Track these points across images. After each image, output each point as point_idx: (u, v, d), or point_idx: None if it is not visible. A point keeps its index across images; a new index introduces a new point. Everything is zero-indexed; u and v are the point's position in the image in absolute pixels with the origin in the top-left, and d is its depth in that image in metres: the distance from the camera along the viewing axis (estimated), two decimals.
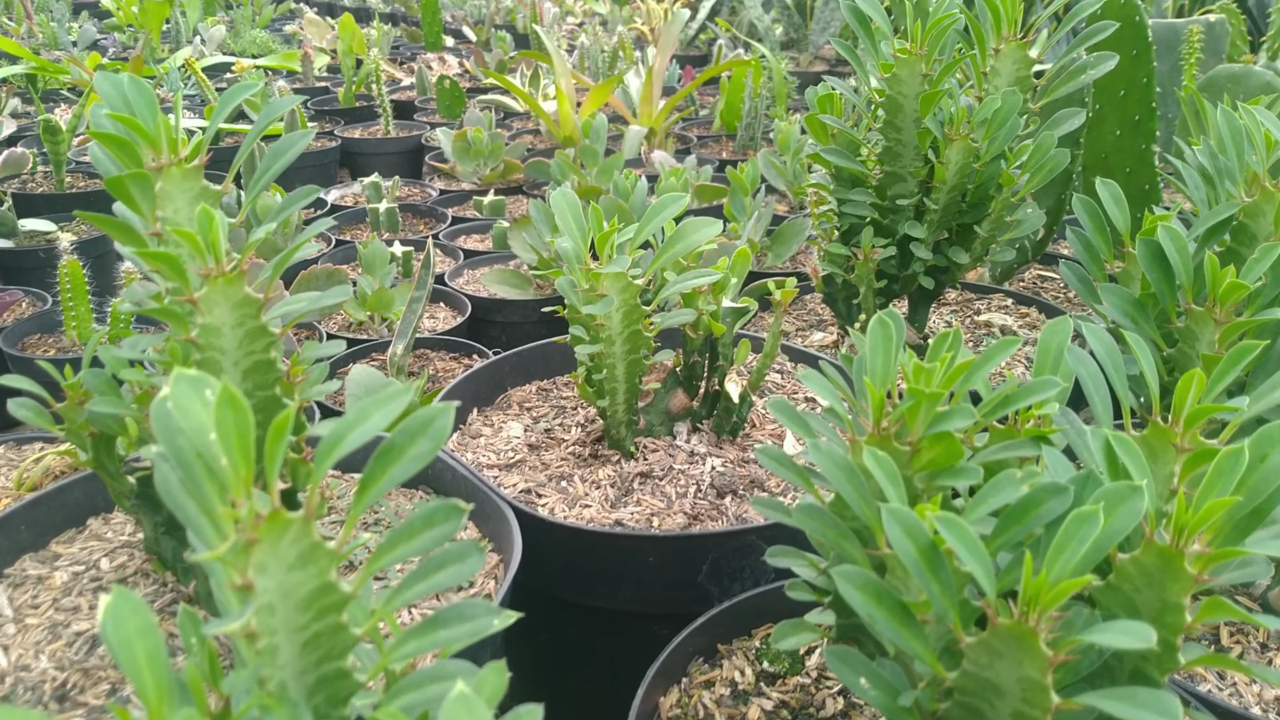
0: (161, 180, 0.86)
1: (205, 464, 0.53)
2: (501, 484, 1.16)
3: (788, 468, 0.70)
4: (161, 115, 0.85)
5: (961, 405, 0.65)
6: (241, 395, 0.53)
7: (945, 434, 0.66)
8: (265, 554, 0.53)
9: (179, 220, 0.88)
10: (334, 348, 0.83)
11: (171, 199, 0.87)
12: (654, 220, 1.07)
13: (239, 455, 0.53)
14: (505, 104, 3.34)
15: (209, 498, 0.53)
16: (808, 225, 2.06)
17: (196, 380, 0.54)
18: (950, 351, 0.76)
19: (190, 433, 0.53)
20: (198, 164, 0.88)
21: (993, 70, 1.35)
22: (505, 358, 1.40)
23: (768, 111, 3.03)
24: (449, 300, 1.99)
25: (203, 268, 0.77)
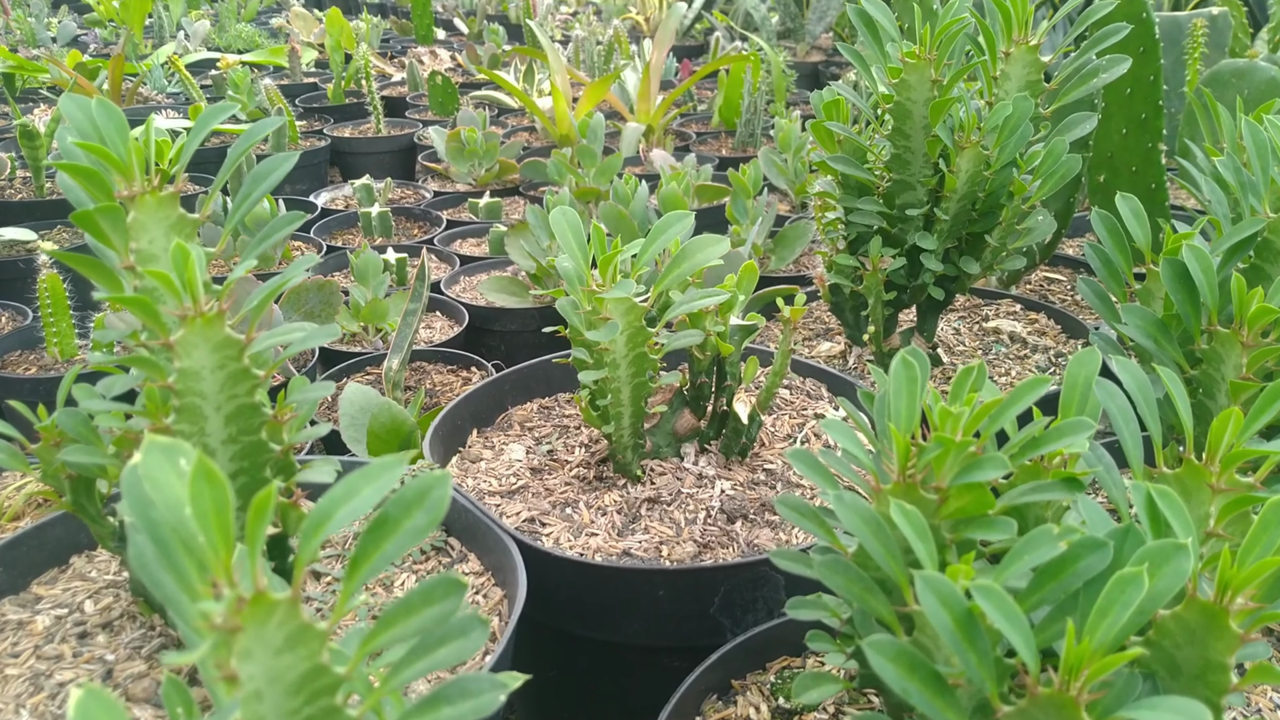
0: (134, 210, 0.82)
1: (182, 540, 0.50)
2: (504, 513, 1.12)
3: (808, 518, 0.66)
4: (133, 141, 0.81)
5: (992, 454, 0.62)
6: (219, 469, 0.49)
7: (975, 484, 0.62)
8: (250, 640, 0.50)
9: (154, 251, 0.84)
10: (324, 389, 0.79)
11: (146, 229, 0.83)
12: (658, 240, 1.03)
13: (218, 535, 0.49)
14: (499, 100, 3.29)
15: (188, 575, 0.50)
16: (812, 228, 2.02)
17: (170, 449, 0.50)
18: (975, 390, 0.72)
19: (164, 507, 0.49)
20: (173, 191, 0.83)
21: (1003, 74, 1.31)
22: (505, 375, 1.36)
23: (767, 107, 2.99)
24: (445, 309, 1.95)
25: (179, 308, 0.73)
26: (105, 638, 0.93)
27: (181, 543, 0.49)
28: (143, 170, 0.80)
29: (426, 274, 1.62)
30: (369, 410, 1.43)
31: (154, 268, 0.81)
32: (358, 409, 1.45)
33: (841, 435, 0.63)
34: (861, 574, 0.64)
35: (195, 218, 0.83)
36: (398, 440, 1.37)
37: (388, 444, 1.37)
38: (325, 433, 0.82)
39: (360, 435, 1.42)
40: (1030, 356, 1.48)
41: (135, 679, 0.88)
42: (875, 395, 0.72)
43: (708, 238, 1.06)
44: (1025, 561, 0.58)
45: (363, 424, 1.42)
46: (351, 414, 1.45)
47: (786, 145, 2.44)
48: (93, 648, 0.91)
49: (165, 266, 0.82)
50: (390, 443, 1.37)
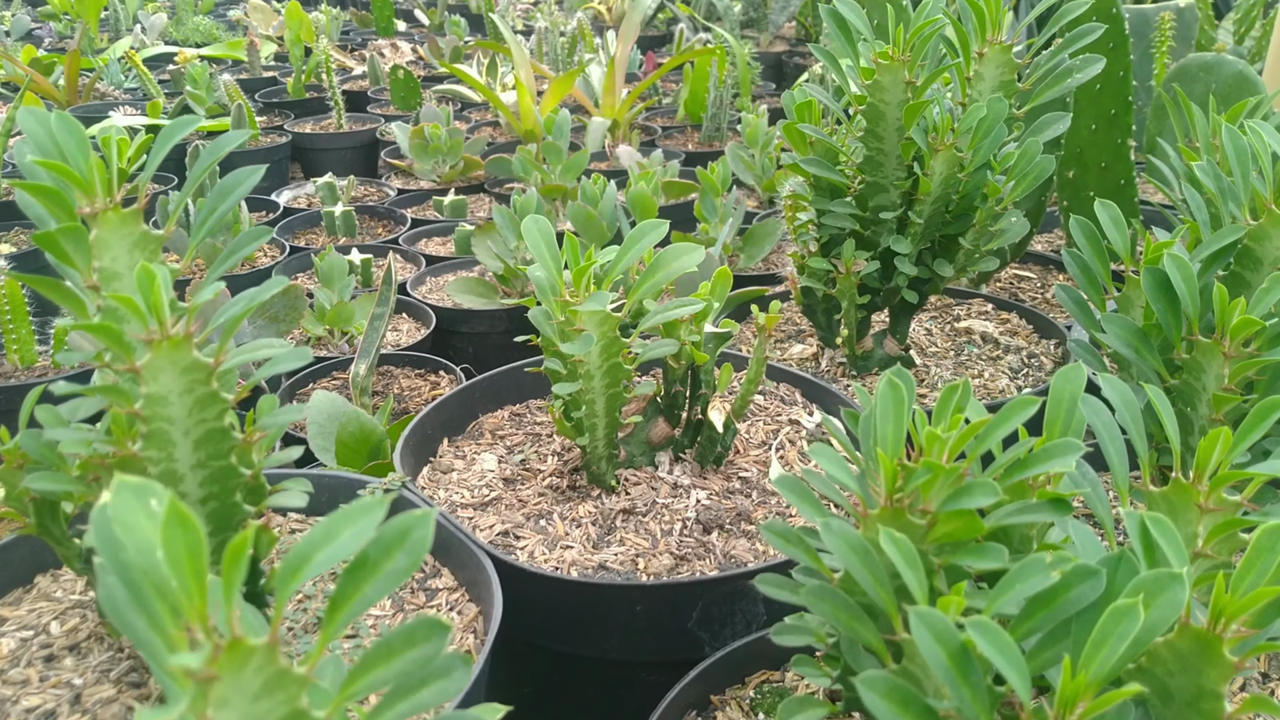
0: (96, 227, 0.79)
1: (154, 584, 0.47)
2: (477, 526, 1.10)
3: (794, 544, 0.65)
4: (94, 157, 0.78)
5: (981, 481, 0.61)
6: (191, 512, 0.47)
7: (963, 510, 0.61)
8: (227, 687, 0.47)
9: (118, 269, 0.81)
10: (293, 413, 0.77)
11: (109, 247, 0.80)
12: (632, 250, 1.01)
13: (191, 580, 0.47)
14: (462, 94, 3.25)
15: (161, 621, 0.47)
16: (781, 225, 2.01)
17: (140, 490, 0.48)
18: (960, 409, 0.71)
19: (135, 550, 0.47)
20: (136, 208, 0.80)
21: (976, 75, 1.30)
22: (476, 383, 1.33)
23: (733, 101, 2.97)
24: (412, 311, 1.91)
25: (144, 332, 0.70)
26: (73, 660, 0.90)
27: (154, 587, 0.47)
28: (105, 187, 0.77)
29: (393, 277, 1.59)
30: (337, 419, 1.40)
31: (118, 287, 0.79)
32: (325, 417, 1.42)
33: (828, 462, 0.61)
34: (849, 601, 0.63)
35: (159, 234, 0.80)
36: (367, 449, 1.35)
37: (357, 453, 1.35)
38: (296, 456, 0.79)
39: (329, 444, 1.39)
40: (1003, 357, 1.48)
41: (104, 704, 0.85)
42: (860, 414, 0.71)
43: (682, 246, 1.04)
44: (1017, 591, 0.57)
45: (331, 432, 1.39)
46: (319, 422, 1.42)
47: (754, 140, 2.43)
48: (60, 671, 0.89)
49: (129, 286, 0.79)
50: (359, 452, 1.35)
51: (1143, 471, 0.72)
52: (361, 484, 1.11)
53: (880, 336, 1.44)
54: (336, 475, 1.13)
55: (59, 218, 0.76)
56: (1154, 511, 0.72)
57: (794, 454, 1.21)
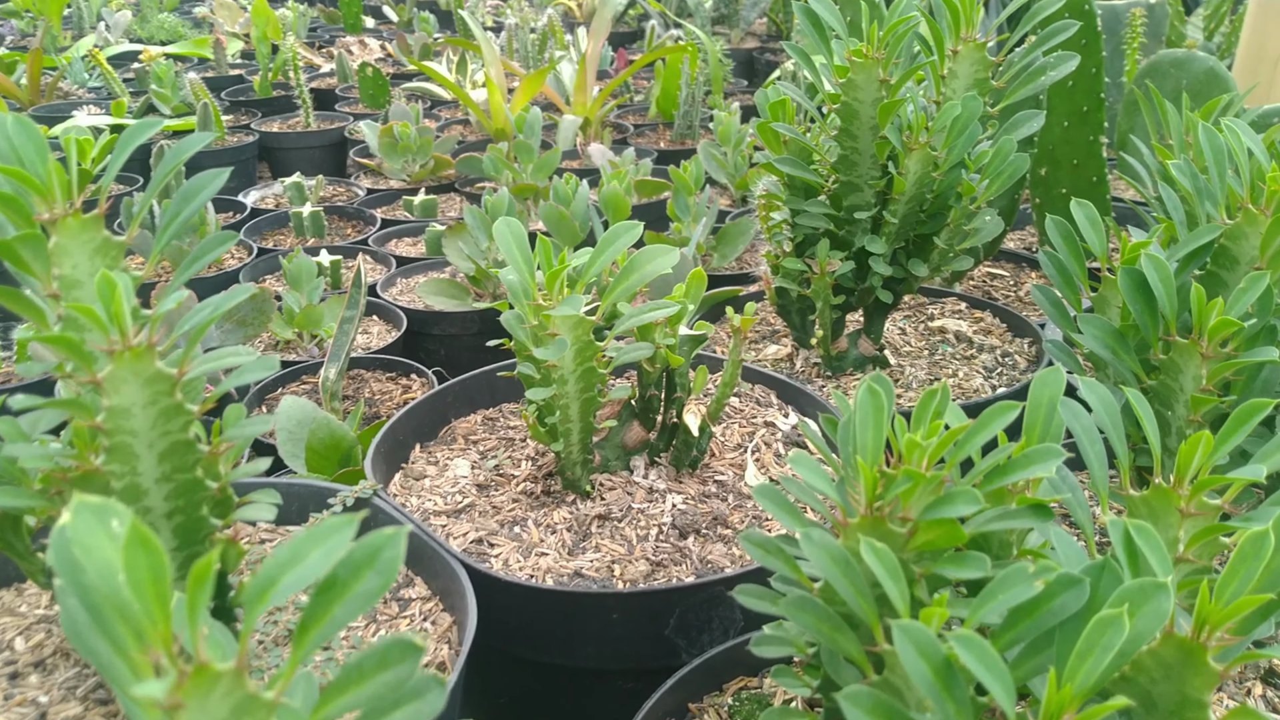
0: (56, 234, 0.76)
1: (117, 608, 0.46)
2: (451, 534, 1.08)
3: (774, 554, 0.64)
4: (53, 162, 0.75)
5: (962, 489, 0.60)
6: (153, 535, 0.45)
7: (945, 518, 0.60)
8: (193, 714, 0.46)
9: (78, 277, 0.79)
10: (260, 425, 0.75)
11: (69, 254, 0.78)
12: (606, 253, 1.00)
13: (155, 605, 0.45)
14: (432, 91, 3.21)
15: (125, 646, 0.46)
16: (754, 224, 2.00)
17: (100, 511, 0.46)
18: (938, 414, 0.70)
19: (96, 573, 0.45)
20: (96, 214, 0.78)
21: (950, 73, 1.30)
22: (448, 387, 1.31)
23: (705, 98, 2.96)
24: (382, 313, 1.89)
25: (105, 343, 0.68)
26: (38, 678, 0.88)
27: (116, 611, 0.45)
28: (64, 192, 0.74)
29: (363, 280, 1.57)
30: (307, 425, 1.38)
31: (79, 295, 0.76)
32: (295, 423, 1.40)
33: (808, 470, 0.60)
34: (830, 612, 0.62)
35: (121, 240, 0.78)
36: (337, 456, 1.32)
37: (327, 460, 1.32)
38: (265, 468, 0.77)
39: (298, 450, 1.36)
40: (977, 356, 1.48)
41: None
42: (838, 420, 0.70)
43: (656, 248, 1.03)
44: (1000, 601, 0.56)
45: (301, 438, 1.37)
46: (289, 429, 1.39)
47: (726, 138, 2.41)
48: (25, 689, 0.86)
49: (90, 294, 0.77)
50: (330, 459, 1.32)
51: (1122, 476, 0.71)
52: (332, 492, 1.08)
53: (855, 336, 1.44)
54: (306, 484, 1.11)
55: (17, 224, 0.74)
56: (1134, 516, 0.72)
57: (770, 456, 1.20)
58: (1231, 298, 0.85)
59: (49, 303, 0.77)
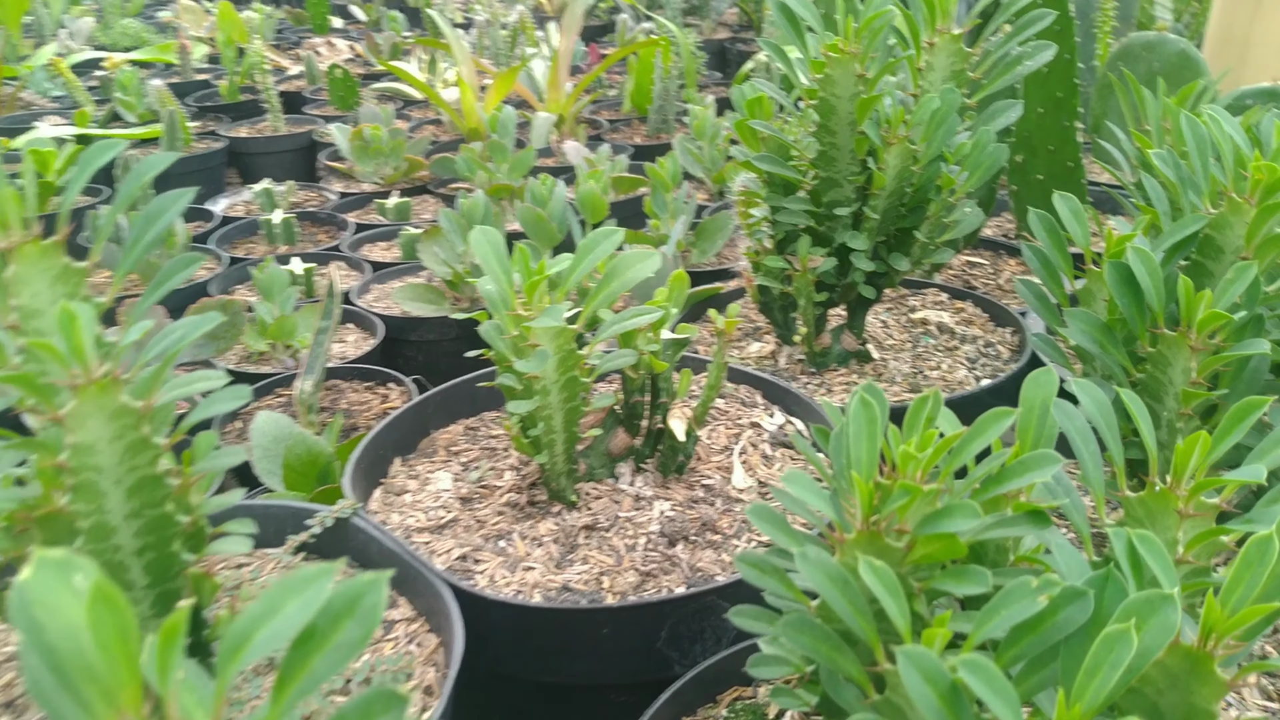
0: (14, 262, 0.74)
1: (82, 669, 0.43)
2: (434, 551, 1.06)
3: (769, 574, 0.62)
4: (9, 189, 0.72)
5: (960, 503, 0.58)
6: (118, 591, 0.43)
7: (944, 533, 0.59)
8: None
9: (38, 306, 0.76)
10: (234, 455, 0.72)
11: (28, 283, 0.75)
12: (586, 260, 0.98)
13: (123, 665, 0.43)
14: (402, 91, 3.17)
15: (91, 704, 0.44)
16: (733, 218, 1.98)
17: (61, 566, 0.44)
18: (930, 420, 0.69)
19: (59, 633, 0.43)
20: (56, 240, 0.75)
21: (927, 65, 1.29)
22: (428, 398, 1.29)
23: (679, 92, 2.94)
24: (358, 320, 1.86)
25: (67, 377, 0.65)
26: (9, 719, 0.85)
27: (82, 672, 0.43)
28: (21, 220, 0.71)
29: (337, 290, 1.54)
30: (283, 441, 1.35)
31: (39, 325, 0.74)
32: (270, 439, 1.37)
33: (803, 489, 0.58)
34: (829, 632, 0.60)
35: (82, 266, 0.75)
36: (315, 472, 1.30)
37: (304, 476, 1.30)
38: (237, 499, 0.75)
39: (274, 467, 1.34)
40: (959, 347, 1.47)
41: None
42: (831, 433, 0.68)
43: (637, 253, 1.01)
44: (1004, 618, 0.55)
45: (276, 455, 1.34)
46: (264, 445, 1.36)
47: (702, 133, 2.39)
48: None
49: (50, 325, 0.74)
50: (307, 475, 1.30)
51: (1118, 478, 0.70)
52: (309, 513, 1.06)
53: (838, 332, 1.42)
54: (284, 505, 1.08)
55: None
56: (1131, 517, 0.71)
57: (757, 458, 1.18)
58: (1219, 288, 0.84)
59: (8, 335, 0.74)
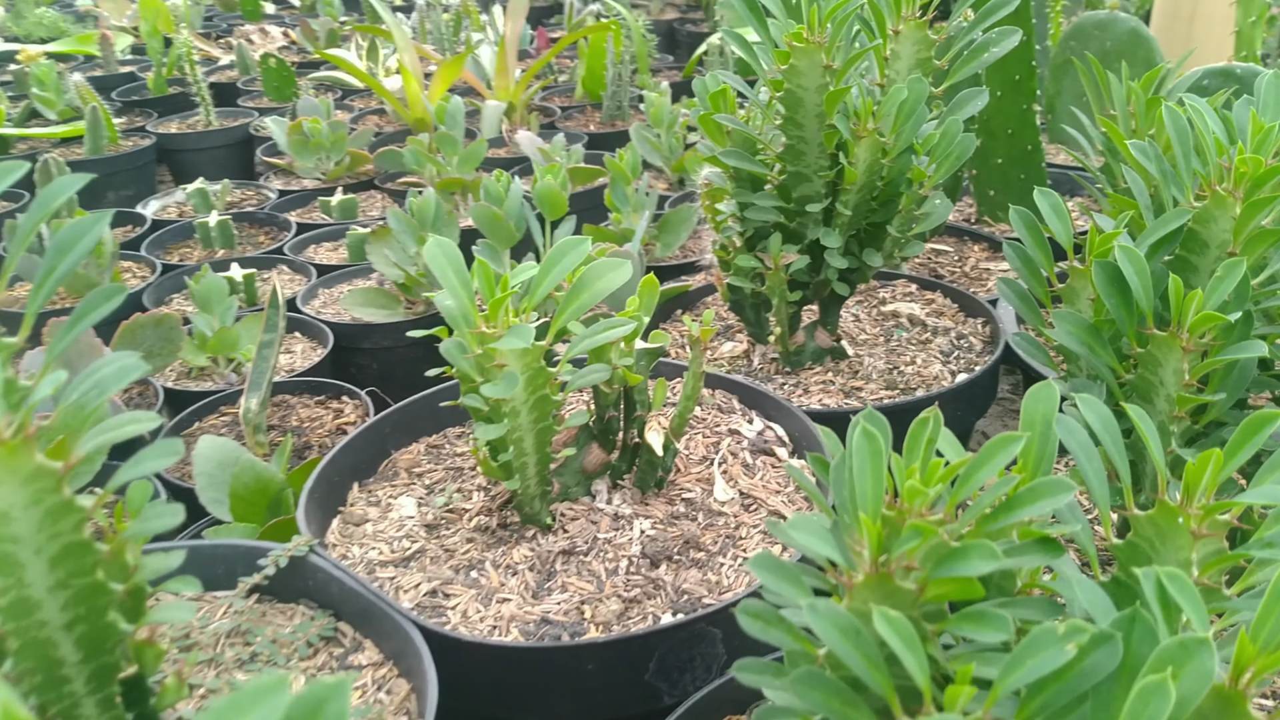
0: None
1: None
2: (401, 587, 1.00)
3: (774, 625, 0.58)
4: None
5: (978, 542, 0.54)
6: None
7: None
8: None
9: None
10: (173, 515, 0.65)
11: None
12: (553, 272, 0.92)
13: None
14: (342, 80, 3.07)
15: None
16: (696, 210, 1.93)
17: None
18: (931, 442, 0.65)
19: None
20: None
21: (893, 54, 1.24)
22: (385, 416, 1.23)
23: (633, 77, 2.87)
24: (306, 329, 1.78)
25: None
26: None
27: None
28: None
29: (280, 300, 1.46)
30: (229, 467, 1.28)
31: None
32: (215, 466, 1.29)
33: (809, 535, 0.54)
34: (841, 686, 0.56)
35: None
36: (265, 501, 1.23)
37: (254, 506, 1.23)
38: (176, 564, 0.68)
39: (221, 495, 1.26)
40: (932, 340, 1.44)
41: None
42: (830, 464, 0.64)
43: (607, 262, 0.96)
44: (1029, 668, 0.51)
45: (223, 483, 1.27)
46: (209, 473, 1.29)
47: (659, 120, 2.34)
48: None
49: None
50: (257, 505, 1.23)
51: (1125, 496, 0.67)
52: (262, 552, 1.00)
53: (811, 329, 1.39)
54: (233, 544, 1.02)
55: None
56: (1139, 535, 0.67)
57: (737, 468, 1.14)
58: (1209, 286, 0.81)
59: None
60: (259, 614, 0.99)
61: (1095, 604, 0.56)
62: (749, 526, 1.07)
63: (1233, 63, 1.61)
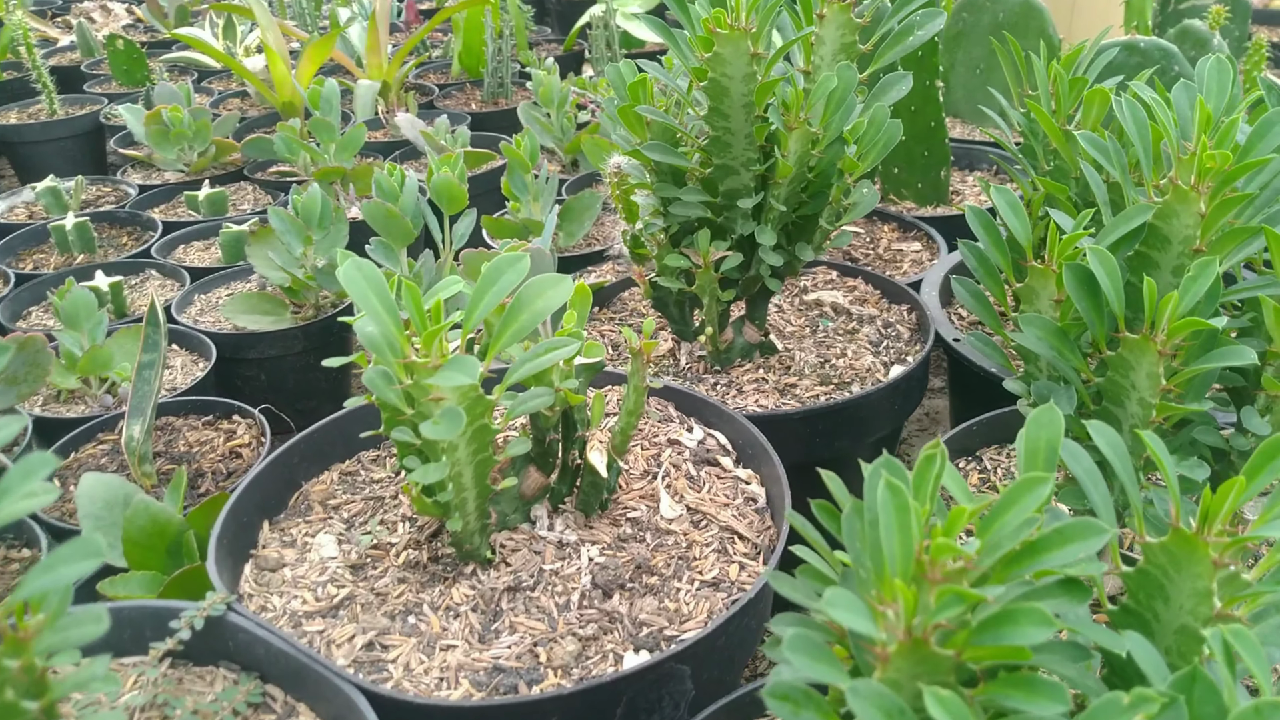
0: None
1: None
2: (332, 641, 0.91)
3: (807, 706, 0.52)
4: None
5: (1029, 608, 0.50)
6: None
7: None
8: None
9: None
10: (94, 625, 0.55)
11: None
12: (488, 295, 0.84)
13: None
14: (198, 61, 2.84)
15: None
16: (600, 196, 1.85)
17: None
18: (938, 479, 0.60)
19: None
20: None
21: (817, 39, 1.19)
22: (293, 445, 1.12)
23: (514, 52, 2.75)
24: (185, 341, 1.62)
25: None
26: None
27: None
28: None
29: (160, 316, 1.32)
30: (119, 507, 1.15)
31: None
32: (102, 506, 1.16)
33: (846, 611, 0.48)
34: None
35: None
36: (164, 545, 1.11)
37: (152, 552, 1.10)
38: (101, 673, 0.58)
39: (113, 540, 1.13)
40: (859, 329, 1.41)
41: None
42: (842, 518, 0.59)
43: (546, 279, 0.88)
44: None
45: (113, 525, 1.14)
46: (95, 513, 1.16)
47: (548, 99, 2.24)
48: None
49: None
50: (155, 549, 1.10)
51: (1137, 522, 0.64)
52: (172, 613, 0.89)
53: (739, 324, 1.33)
54: (140, 605, 0.90)
55: None
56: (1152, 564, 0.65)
57: (682, 482, 1.08)
58: (1183, 286, 0.79)
59: None
60: (175, 681, 0.88)
61: (1149, 664, 0.52)
62: (701, 545, 1.01)
63: (1136, 36, 1.63)
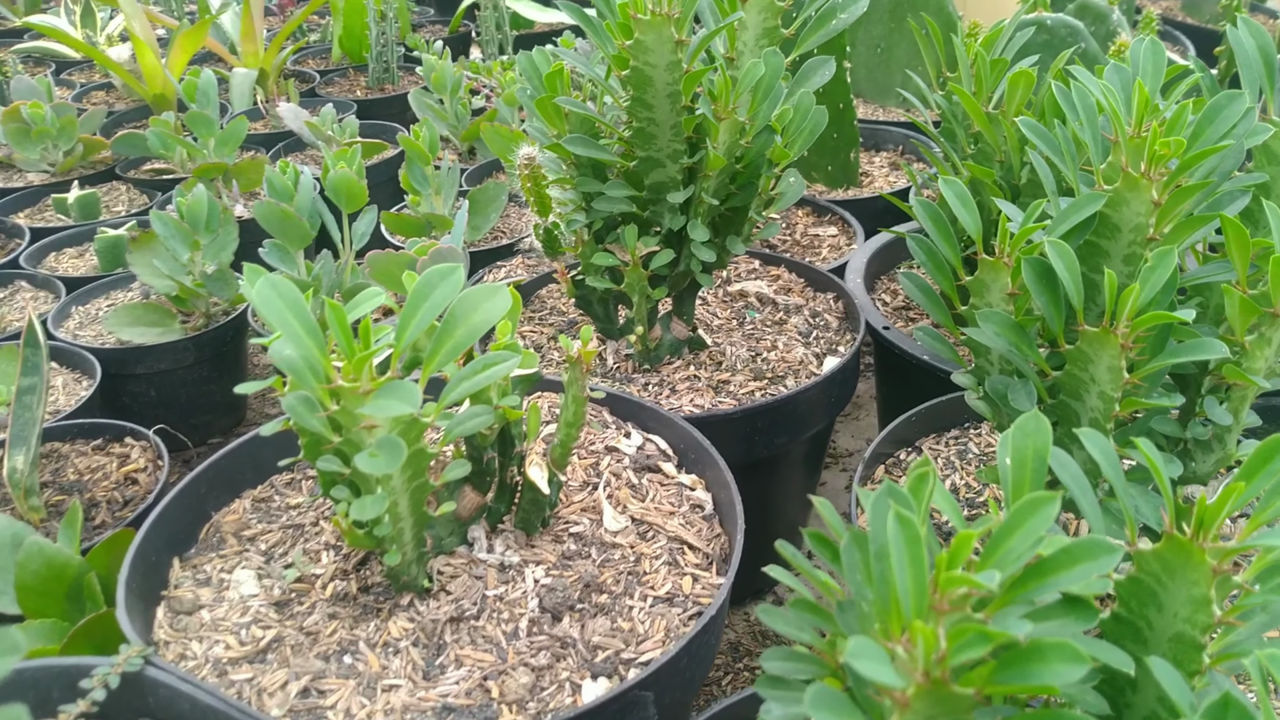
0: None
1: None
2: (264, 689, 0.83)
3: None
4: None
5: (1060, 644, 0.47)
6: None
7: None
8: None
9: None
10: None
11: None
12: (421, 311, 0.77)
13: None
14: (54, 51, 2.63)
15: None
16: (505, 189, 1.78)
17: None
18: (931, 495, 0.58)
19: None
20: None
21: (740, 24, 1.15)
22: (200, 474, 1.02)
23: (398, 35, 2.64)
24: (65, 358, 1.49)
25: None
26: None
27: None
28: None
29: (41, 337, 1.20)
30: (8, 549, 1.05)
31: None
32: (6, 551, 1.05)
33: (877, 665, 0.45)
34: None
35: None
36: (63, 590, 1.00)
37: (49, 597, 1.00)
38: None
39: (4, 585, 1.03)
40: (787, 320, 1.39)
41: None
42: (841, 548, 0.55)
43: (482, 290, 0.81)
44: None
45: (5, 569, 1.03)
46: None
47: (441, 85, 2.15)
48: None
49: None
50: (53, 595, 1.00)
51: (1129, 530, 0.62)
52: (82, 670, 0.80)
53: (666, 320, 1.29)
54: (43, 665, 0.81)
55: None
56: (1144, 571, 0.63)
57: (624, 491, 1.04)
58: (1141, 277, 0.78)
59: None
60: None
61: (1175, 688, 0.50)
62: (650, 558, 0.97)
63: (1042, 14, 1.65)
